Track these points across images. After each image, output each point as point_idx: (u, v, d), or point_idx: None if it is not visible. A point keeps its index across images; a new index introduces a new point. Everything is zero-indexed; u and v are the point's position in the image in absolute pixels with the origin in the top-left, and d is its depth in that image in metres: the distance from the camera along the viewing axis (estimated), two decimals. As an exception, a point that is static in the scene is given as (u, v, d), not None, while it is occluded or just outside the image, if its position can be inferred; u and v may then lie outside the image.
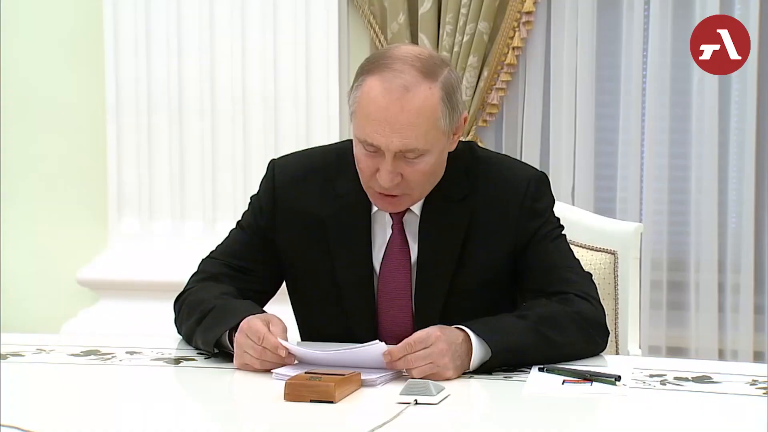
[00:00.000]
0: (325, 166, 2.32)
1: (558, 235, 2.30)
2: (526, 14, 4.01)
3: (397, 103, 2.10)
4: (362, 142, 2.15)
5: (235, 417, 1.91)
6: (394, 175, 2.14)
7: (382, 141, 2.11)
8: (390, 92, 2.10)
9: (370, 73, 2.14)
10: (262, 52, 4.12)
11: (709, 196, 3.99)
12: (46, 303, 4.40)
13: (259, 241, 2.33)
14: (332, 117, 4.10)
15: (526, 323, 2.10)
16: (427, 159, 2.15)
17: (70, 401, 1.95)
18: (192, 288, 2.34)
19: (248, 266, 2.33)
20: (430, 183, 2.21)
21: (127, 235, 4.25)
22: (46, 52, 4.34)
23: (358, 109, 2.15)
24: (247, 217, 2.37)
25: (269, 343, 2.03)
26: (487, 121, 4.10)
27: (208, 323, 2.18)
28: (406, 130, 2.10)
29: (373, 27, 4.08)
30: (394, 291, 2.26)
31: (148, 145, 4.21)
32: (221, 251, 2.38)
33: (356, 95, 2.16)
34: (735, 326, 4.02)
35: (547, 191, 2.30)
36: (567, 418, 1.85)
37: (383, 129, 2.11)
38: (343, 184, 2.28)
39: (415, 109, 2.10)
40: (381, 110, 2.10)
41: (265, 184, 2.35)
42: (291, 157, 2.40)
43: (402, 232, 2.26)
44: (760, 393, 1.92)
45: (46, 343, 2.30)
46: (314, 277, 2.30)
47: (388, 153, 2.12)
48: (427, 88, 2.11)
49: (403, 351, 1.98)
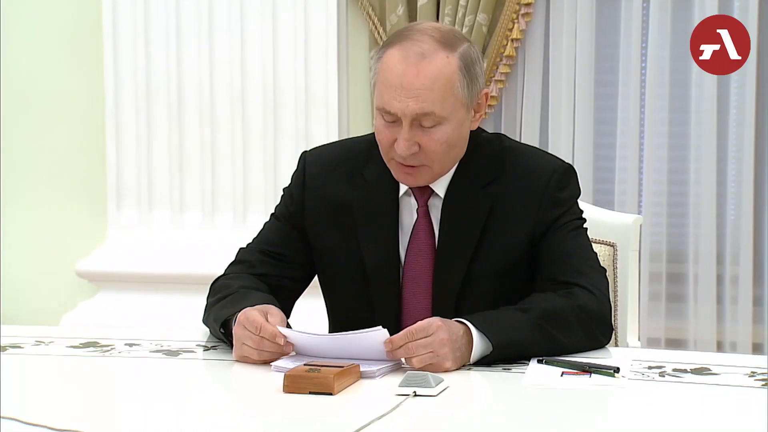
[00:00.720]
0: (354, 155, 2.34)
1: (578, 227, 2.29)
2: (525, 6, 4.00)
3: (413, 69, 2.13)
4: (380, 110, 2.18)
5: (234, 409, 1.91)
6: (411, 144, 2.16)
7: (399, 107, 2.14)
8: (407, 59, 2.14)
9: (391, 45, 2.18)
10: (260, 43, 4.12)
11: (708, 188, 3.99)
12: (45, 295, 4.40)
13: (292, 230, 2.36)
14: (331, 108, 4.10)
15: (528, 318, 2.10)
16: (444, 128, 2.17)
17: (70, 393, 1.95)
18: (225, 275, 2.37)
19: (283, 252, 2.36)
20: (450, 157, 2.22)
21: (126, 227, 4.25)
22: (46, 46, 4.34)
23: (377, 80, 2.19)
24: (280, 207, 2.41)
25: (267, 332, 2.04)
26: (486, 113, 4.09)
27: (224, 304, 2.21)
28: (421, 94, 2.13)
29: (372, 19, 4.08)
30: (417, 275, 2.27)
31: (147, 136, 4.21)
32: (258, 240, 2.41)
33: (377, 67, 2.20)
34: (734, 318, 4.02)
35: (571, 182, 2.31)
36: (566, 409, 1.85)
37: (399, 94, 2.13)
38: (371, 172, 2.30)
39: (432, 75, 2.13)
40: (397, 76, 2.14)
41: (297, 174, 2.39)
42: (321, 148, 2.44)
43: (427, 215, 2.27)
44: (759, 384, 1.92)
45: (45, 335, 2.31)
46: (342, 264, 2.32)
47: (405, 119, 2.14)
48: (444, 56, 2.14)
49: (404, 339, 1.99)
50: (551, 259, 2.24)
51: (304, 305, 2.41)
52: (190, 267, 4.04)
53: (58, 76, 4.34)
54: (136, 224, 4.25)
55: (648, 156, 4.02)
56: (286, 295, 2.32)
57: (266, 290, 2.28)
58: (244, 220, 4.14)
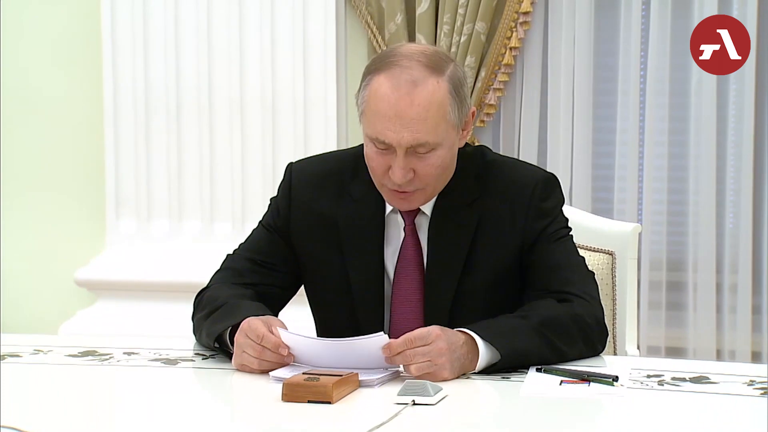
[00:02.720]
0: (341, 169, 2.34)
1: (563, 235, 2.30)
2: (524, 15, 4.01)
3: (407, 98, 2.12)
4: (373, 140, 2.17)
5: (232, 418, 1.91)
6: (407, 171, 2.16)
7: (393, 137, 2.13)
8: (398, 88, 2.12)
9: (377, 72, 2.15)
10: (259, 52, 4.12)
11: (707, 196, 3.99)
12: (44, 304, 4.40)
13: (279, 239, 2.36)
14: (329, 117, 4.11)
15: (530, 325, 2.10)
16: (439, 153, 2.17)
17: (68, 402, 1.95)
18: (213, 285, 2.36)
19: (270, 261, 2.36)
20: (443, 178, 2.23)
21: (125, 235, 4.25)
22: (45, 53, 4.34)
23: (367, 108, 2.16)
24: (267, 217, 2.40)
25: (269, 342, 2.04)
26: (485, 122, 4.10)
27: (215, 318, 2.20)
28: (416, 125, 2.12)
29: (371, 27, 4.08)
30: (406, 293, 2.28)
31: (146, 145, 4.21)
32: (245, 247, 2.41)
33: (365, 95, 2.17)
34: (733, 326, 4.02)
35: (554, 192, 2.31)
36: (565, 418, 1.85)
37: (393, 125, 2.12)
38: (357, 187, 2.30)
39: (425, 103, 2.12)
40: (391, 106, 2.12)
41: (283, 187, 2.38)
42: (308, 160, 2.43)
43: (414, 234, 2.28)
44: (758, 393, 1.92)
45: (44, 344, 2.30)
46: (328, 279, 2.32)
47: (400, 149, 2.14)
48: (435, 82, 2.13)
49: (403, 346, 1.98)
50: (541, 270, 2.25)
51: (292, 313, 2.40)
52: (189, 275, 4.03)
53: (56, 85, 4.34)
54: (135, 233, 4.25)
55: (647, 164, 4.03)
56: (273, 303, 2.32)
57: (254, 298, 2.28)
58: (242, 229, 4.13)
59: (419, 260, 2.28)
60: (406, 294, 2.28)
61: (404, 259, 2.28)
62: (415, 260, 2.28)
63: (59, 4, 4.31)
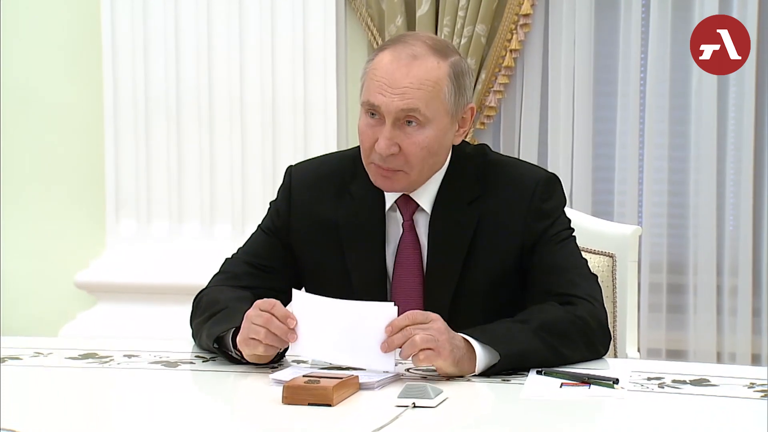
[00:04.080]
0: (340, 170, 2.34)
1: (566, 237, 2.30)
2: (524, 17, 4.01)
3: (404, 68, 2.16)
4: (364, 104, 2.20)
5: (233, 420, 1.91)
6: (391, 143, 2.17)
7: (383, 101, 2.16)
8: (398, 59, 2.17)
9: (383, 48, 2.22)
10: (259, 53, 4.12)
11: (708, 198, 3.99)
12: (43, 306, 4.40)
13: (278, 243, 2.36)
14: (329, 119, 4.11)
15: (529, 328, 2.10)
16: (426, 132, 2.18)
17: (68, 405, 1.95)
18: (212, 288, 2.36)
19: (269, 265, 2.36)
20: (428, 165, 2.23)
21: (125, 237, 4.24)
22: (45, 54, 4.34)
23: (366, 79, 2.21)
24: (266, 221, 2.40)
25: (279, 311, 2.04)
26: (485, 124, 4.10)
27: (216, 320, 2.20)
28: (408, 92, 2.16)
29: (371, 29, 4.08)
30: (406, 290, 2.27)
31: (146, 146, 4.21)
32: (244, 251, 2.41)
33: (367, 68, 2.23)
34: (733, 329, 4.02)
35: (555, 192, 2.31)
36: (565, 421, 1.85)
37: (385, 90, 2.16)
38: (357, 187, 2.30)
39: (420, 76, 2.16)
40: (387, 73, 2.17)
41: (282, 189, 2.39)
42: (307, 162, 2.44)
43: (413, 230, 2.28)
44: (758, 396, 1.92)
45: (44, 347, 2.30)
46: (329, 279, 2.31)
47: (388, 117, 2.16)
48: (435, 61, 2.18)
49: (405, 321, 1.99)
50: (544, 273, 2.25)
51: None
52: (189, 277, 4.00)
53: (56, 87, 4.34)
54: (135, 235, 4.24)
55: (647, 166, 4.03)
56: None
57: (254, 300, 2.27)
58: (242, 230, 4.13)
59: (418, 257, 2.27)
60: (407, 291, 2.27)
61: (402, 256, 2.28)
62: (414, 257, 2.27)
63: (59, 4, 4.31)
